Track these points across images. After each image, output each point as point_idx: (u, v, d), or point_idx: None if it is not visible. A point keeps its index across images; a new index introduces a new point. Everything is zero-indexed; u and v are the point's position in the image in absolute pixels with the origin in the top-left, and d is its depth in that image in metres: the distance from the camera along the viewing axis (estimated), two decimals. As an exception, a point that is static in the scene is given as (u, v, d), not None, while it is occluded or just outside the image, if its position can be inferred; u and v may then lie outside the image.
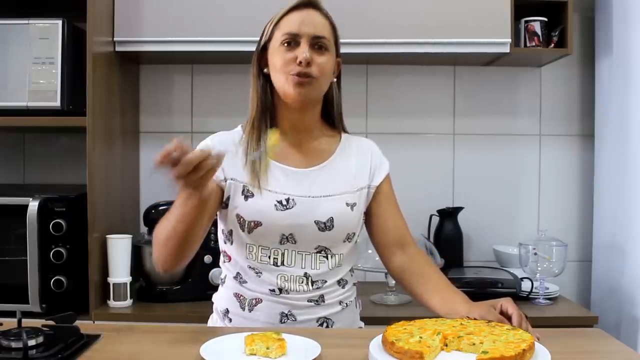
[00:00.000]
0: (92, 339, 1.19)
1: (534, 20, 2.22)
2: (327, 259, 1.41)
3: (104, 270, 2.04)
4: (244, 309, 1.41)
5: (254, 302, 1.40)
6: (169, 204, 2.15)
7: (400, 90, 2.48)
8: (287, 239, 1.38)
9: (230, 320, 1.44)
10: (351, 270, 1.50)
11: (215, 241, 2.06)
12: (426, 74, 2.47)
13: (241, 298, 1.42)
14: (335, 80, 1.47)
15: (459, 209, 2.38)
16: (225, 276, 1.48)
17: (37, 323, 1.20)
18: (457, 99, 2.50)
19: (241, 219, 1.38)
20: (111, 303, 2.03)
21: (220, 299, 1.48)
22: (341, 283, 1.44)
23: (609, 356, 1.20)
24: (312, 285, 1.39)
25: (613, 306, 2.19)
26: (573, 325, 1.76)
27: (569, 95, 2.50)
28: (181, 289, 2.10)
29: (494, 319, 1.20)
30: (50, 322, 1.21)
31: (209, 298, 1.59)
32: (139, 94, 2.47)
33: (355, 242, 1.49)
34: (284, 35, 1.37)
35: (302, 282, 1.39)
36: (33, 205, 1.91)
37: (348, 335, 1.34)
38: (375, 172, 1.48)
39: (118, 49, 2.14)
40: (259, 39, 1.45)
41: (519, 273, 2.13)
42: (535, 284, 2.08)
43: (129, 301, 2.05)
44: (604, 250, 2.31)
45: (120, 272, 2.03)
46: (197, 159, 1.10)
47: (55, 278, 1.92)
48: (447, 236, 2.35)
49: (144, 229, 2.24)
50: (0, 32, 1.96)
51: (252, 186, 1.37)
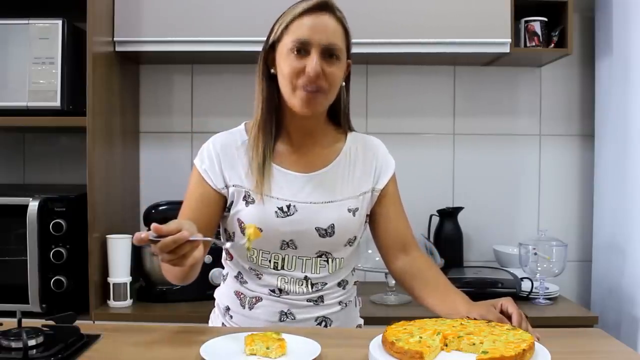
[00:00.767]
0: (92, 339, 1.19)
1: (534, 20, 2.22)
2: (328, 263, 1.40)
3: (104, 270, 2.04)
4: (244, 307, 1.41)
5: (254, 301, 1.40)
6: (169, 204, 2.19)
7: (400, 90, 2.48)
8: (288, 244, 1.37)
9: (231, 317, 1.44)
10: (352, 270, 1.50)
11: (215, 241, 2.08)
12: (426, 74, 2.47)
13: (241, 296, 1.42)
14: (344, 83, 1.44)
15: (459, 209, 2.38)
16: (227, 273, 1.48)
17: (37, 323, 1.20)
18: (457, 99, 2.50)
19: (242, 224, 1.37)
20: (111, 303, 2.03)
21: (222, 296, 1.48)
22: (342, 284, 1.44)
23: (609, 356, 1.20)
24: (312, 288, 1.39)
25: (613, 306, 2.19)
26: (573, 325, 1.76)
27: (569, 95, 2.50)
28: (181, 289, 2.09)
29: (494, 318, 1.20)
30: (50, 322, 1.21)
31: (209, 298, 1.59)
32: (139, 94, 2.47)
33: (357, 245, 1.48)
34: (294, 41, 1.31)
35: (302, 285, 1.39)
36: (33, 205, 1.91)
37: (348, 335, 1.34)
38: (381, 175, 1.46)
39: (118, 49, 2.14)
40: (266, 37, 1.39)
41: (519, 273, 2.13)
42: (535, 284, 2.08)
43: (129, 301, 2.05)
44: (604, 250, 2.31)
45: (120, 272, 2.03)
46: (172, 244, 1.09)
47: (55, 278, 1.92)
48: (447, 236, 2.35)
49: (144, 229, 2.23)
50: (0, 32, 1.96)
51: (255, 193, 1.36)
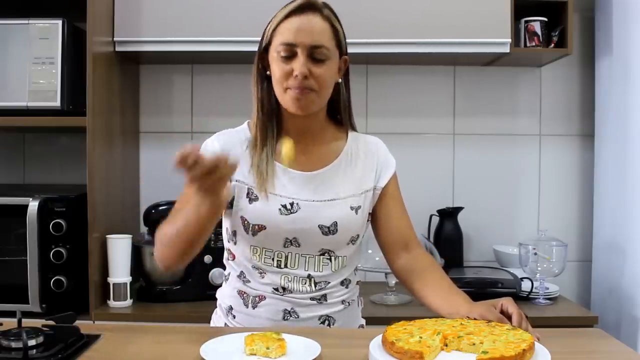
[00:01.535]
0: (92, 339, 1.19)
1: (534, 20, 2.22)
2: (331, 261, 1.41)
3: (104, 270, 2.04)
4: (247, 306, 1.41)
5: (257, 300, 1.40)
6: (169, 204, 2.18)
7: (400, 90, 2.48)
8: (291, 242, 1.38)
9: (234, 316, 1.44)
10: (355, 269, 1.50)
11: (215, 241, 2.08)
12: (426, 74, 2.48)
13: (244, 295, 1.42)
14: (341, 80, 1.45)
15: (459, 209, 2.38)
16: (229, 273, 1.48)
17: (37, 323, 1.20)
18: (457, 99, 2.50)
19: (245, 222, 1.38)
20: (111, 303, 2.03)
21: (224, 296, 1.48)
22: (344, 283, 1.44)
23: (609, 356, 1.20)
24: (315, 286, 1.40)
25: (613, 306, 2.19)
26: (573, 325, 1.76)
27: (569, 95, 2.50)
28: (181, 289, 2.10)
29: (494, 318, 1.20)
30: (50, 322, 1.21)
31: (209, 298, 1.60)
32: (139, 94, 2.47)
33: (360, 244, 1.48)
34: (280, 45, 1.33)
35: (305, 283, 1.39)
36: (33, 205, 1.91)
37: (348, 335, 1.34)
38: (382, 173, 1.47)
39: (118, 49, 2.14)
40: (260, 40, 1.42)
41: (519, 273, 2.13)
42: (535, 284, 2.08)
43: (129, 301, 2.05)
44: (604, 250, 2.31)
45: (120, 272, 2.03)
46: (210, 164, 1.10)
47: (55, 278, 1.92)
48: (447, 236, 2.35)
49: (144, 229, 2.24)
50: (0, 32, 1.96)
51: (258, 191, 1.36)
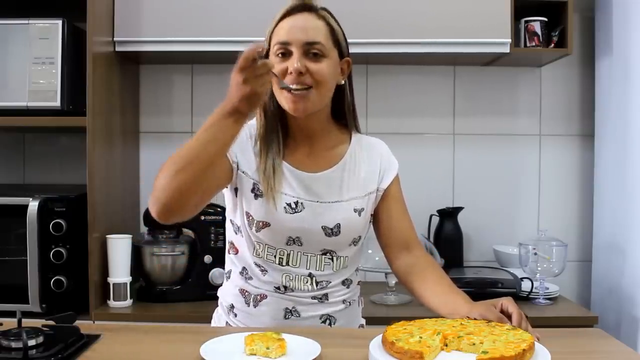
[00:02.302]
0: (92, 339, 1.19)
1: (534, 20, 2.22)
2: (333, 261, 1.41)
3: (104, 270, 2.04)
4: (248, 304, 1.42)
5: (258, 298, 1.41)
6: (169, 204, 2.18)
7: (400, 90, 2.48)
8: (294, 241, 1.38)
9: (236, 315, 1.44)
10: (356, 269, 1.50)
11: (216, 241, 2.08)
12: (426, 74, 2.48)
13: (246, 294, 1.42)
14: (344, 82, 1.44)
15: (459, 209, 2.38)
16: (230, 271, 1.48)
17: (37, 323, 1.20)
18: (457, 99, 2.50)
19: (250, 217, 1.38)
20: (111, 303, 2.03)
21: (226, 294, 1.48)
22: (346, 283, 1.45)
23: (609, 356, 1.20)
24: (317, 286, 1.40)
25: (613, 306, 2.19)
26: (573, 325, 1.76)
27: (569, 95, 2.50)
28: (181, 289, 2.10)
29: (494, 317, 1.20)
30: (50, 322, 1.21)
31: (209, 298, 1.59)
32: (139, 94, 2.47)
33: (362, 245, 1.48)
34: (276, 45, 1.34)
35: (307, 282, 1.40)
36: (33, 205, 1.91)
37: (348, 335, 1.34)
38: (385, 175, 1.47)
39: (118, 49, 2.14)
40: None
41: (519, 273, 2.13)
42: (535, 284, 2.08)
43: (129, 301, 2.05)
44: (604, 250, 2.31)
45: (120, 272, 2.03)
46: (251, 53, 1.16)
47: (55, 278, 1.92)
48: (447, 236, 2.35)
49: (144, 229, 2.24)
50: (0, 32, 1.96)
51: (266, 196, 1.36)
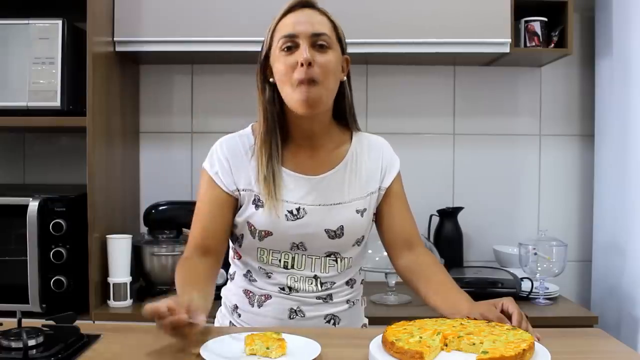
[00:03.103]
0: (92, 339, 1.19)
1: (534, 20, 2.22)
2: (337, 262, 1.41)
3: (104, 270, 2.04)
4: (252, 305, 1.41)
5: (263, 299, 1.40)
6: (169, 204, 2.19)
7: (400, 90, 2.48)
8: (298, 246, 1.38)
9: (240, 315, 1.44)
10: (360, 269, 1.50)
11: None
12: (426, 74, 2.48)
13: (250, 295, 1.42)
14: (345, 79, 1.43)
15: (459, 209, 2.38)
16: (234, 272, 1.48)
17: (37, 323, 1.20)
18: (457, 99, 2.50)
19: (252, 227, 1.37)
20: (111, 303, 2.03)
21: (229, 295, 1.48)
22: (350, 283, 1.45)
23: (609, 356, 1.20)
24: (322, 286, 1.40)
25: (613, 306, 2.19)
26: (573, 325, 1.76)
27: (569, 95, 2.50)
28: (181, 289, 2.10)
29: (494, 317, 1.20)
30: (50, 322, 1.21)
31: (209, 298, 1.59)
32: (139, 94, 2.47)
33: (365, 244, 1.48)
34: (282, 39, 1.32)
35: (312, 283, 1.39)
36: (33, 205, 1.91)
37: (348, 335, 1.34)
38: (386, 173, 1.46)
39: (118, 49, 2.14)
40: (260, 49, 1.40)
41: (519, 273, 2.13)
42: (535, 284, 2.08)
43: (129, 301, 2.05)
44: (604, 250, 2.31)
45: (120, 272, 2.03)
46: (171, 325, 1.06)
47: (55, 278, 1.92)
48: (447, 236, 2.35)
49: (144, 229, 2.24)
50: (0, 32, 1.96)
51: (268, 207, 1.35)
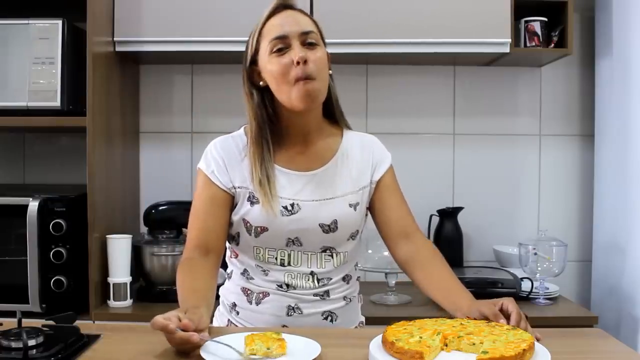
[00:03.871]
0: (92, 339, 1.19)
1: (534, 20, 2.22)
2: (333, 257, 1.43)
3: (104, 270, 2.04)
4: (251, 302, 1.43)
5: (261, 296, 1.42)
6: (169, 204, 2.19)
7: (400, 90, 2.48)
8: (293, 242, 1.39)
9: (238, 313, 1.45)
10: (355, 265, 1.52)
11: (216, 241, 2.08)
12: (426, 74, 2.48)
13: (248, 292, 1.43)
14: (331, 72, 1.45)
15: (459, 209, 2.38)
16: (232, 271, 1.50)
17: (37, 323, 1.20)
18: (457, 99, 2.50)
19: (247, 224, 1.39)
20: (111, 303, 2.03)
21: (227, 293, 1.49)
22: (346, 279, 1.46)
23: (609, 356, 1.20)
24: (318, 283, 1.41)
25: (613, 306, 2.19)
26: (573, 325, 1.76)
27: (569, 95, 2.50)
28: (181, 289, 2.09)
29: (490, 313, 1.20)
30: (50, 322, 1.21)
31: (209, 298, 1.60)
32: (139, 94, 2.47)
33: (359, 239, 1.50)
34: (272, 41, 1.33)
35: (309, 280, 1.41)
36: (33, 205, 1.91)
37: (348, 335, 1.35)
38: (377, 168, 1.48)
39: (118, 49, 2.14)
40: (244, 56, 1.41)
41: (519, 273, 2.13)
42: (535, 284, 2.08)
43: (129, 301, 2.05)
44: (604, 250, 2.31)
45: (120, 272, 2.03)
46: (175, 343, 1.09)
47: (55, 278, 1.92)
48: (447, 236, 2.35)
49: (144, 229, 2.24)
50: (0, 32, 1.96)
51: (265, 207, 1.36)
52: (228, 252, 1.50)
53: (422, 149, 2.48)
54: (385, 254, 1.50)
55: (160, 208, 2.17)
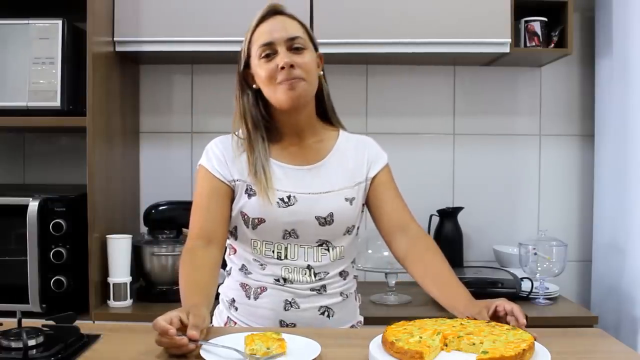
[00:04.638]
0: (92, 339, 1.19)
1: (534, 20, 2.22)
2: (329, 251, 1.45)
3: (104, 270, 2.04)
4: (249, 297, 1.46)
5: (259, 291, 1.45)
6: (169, 204, 2.19)
7: (400, 90, 2.48)
8: (290, 234, 1.43)
9: (236, 309, 1.48)
10: (352, 262, 1.54)
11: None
12: (426, 74, 2.47)
13: (247, 287, 1.47)
14: (322, 72, 1.51)
15: (459, 209, 2.38)
16: (230, 268, 1.53)
17: (37, 323, 1.20)
18: (457, 99, 2.50)
19: (245, 216, 1.43)
20: (111, 303, 2.03)
21: (227, 289, 1.53)
22: (343, 274, 1.49)
23: (609, 356, 1.20)
24: (315, 277, 1.44)
25: (613, 306, 2.19)
26: (573, 325, 1.76)
27: (569, 95, 2.50)
28: (181, 289, 2.09)
29: (478, 317, 1.23)
30: (50, 322, 1.21)
31: (209, 298, 1.60)
32: (139, 94, 2.47)
33: (356, 235, 1.53)
34: (260, 48, 1.41)
35: (305, 274, 1.44)
36: (33, 205, 1.91)
37: (348, 335, 1.35)
38: (372, 166, 1.52)
39: (118, 49, 2.14)
40: (238, 59, 1.48)
41: (519, 273, 2.13)
42: (535, 284, 2.08)
43: (129, 301, 2.05)
44: (604, 250, 2.31)
45: (120, 272, 2.03)
46: (169, 346, 1.10)
47: (55, 278, 1.92)
48: (447, 236, 2.35)
49: (144, 229, 2.24)
50: (0, 32, 1.96)
51: (262, 198, 1.41)
52: (227, 250, 1.53)
53: (422, 148, 2.48)
54: (386, 253, 1.51)
55: (160, 208, 2.17)
